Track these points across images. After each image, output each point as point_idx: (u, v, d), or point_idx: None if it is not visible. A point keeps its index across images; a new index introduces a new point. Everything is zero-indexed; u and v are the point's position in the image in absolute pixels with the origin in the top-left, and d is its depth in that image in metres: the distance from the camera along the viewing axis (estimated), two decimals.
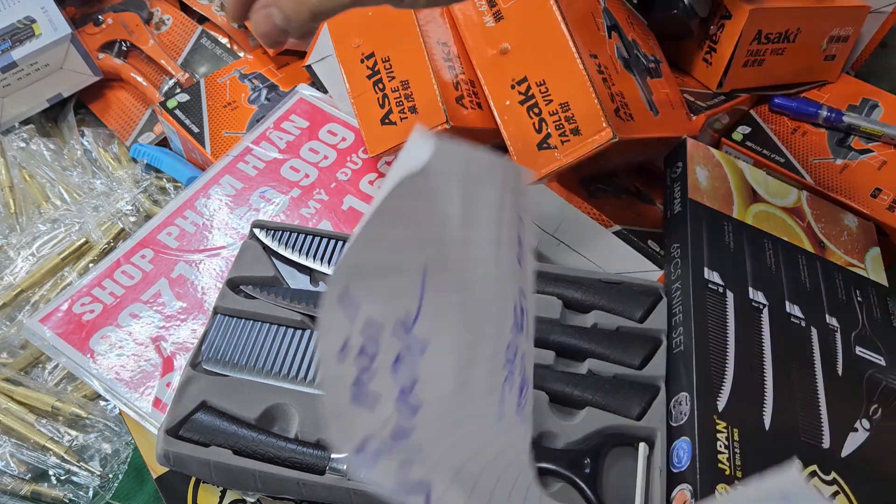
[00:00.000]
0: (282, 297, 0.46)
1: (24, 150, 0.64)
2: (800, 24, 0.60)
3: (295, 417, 0.41)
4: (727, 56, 0.59)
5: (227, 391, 0.42)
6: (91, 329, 0.48)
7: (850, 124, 0.61)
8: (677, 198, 0.51)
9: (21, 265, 0.55)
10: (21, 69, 0.62)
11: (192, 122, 0.63)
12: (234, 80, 0.67)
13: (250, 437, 0.40)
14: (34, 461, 0.46)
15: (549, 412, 0.42)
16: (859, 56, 0.69)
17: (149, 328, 0.49)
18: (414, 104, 0.51)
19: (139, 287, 0.51)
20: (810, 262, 0.50)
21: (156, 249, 0.52)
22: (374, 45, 0.53)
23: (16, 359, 0.51)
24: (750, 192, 0.53)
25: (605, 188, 0.57)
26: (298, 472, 0.38)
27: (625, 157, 0.58)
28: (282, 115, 0.61)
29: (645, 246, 0.52)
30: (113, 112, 0.69)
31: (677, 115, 0.57)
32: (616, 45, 0.56)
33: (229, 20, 0.37)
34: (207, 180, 0.57)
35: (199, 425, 0.40)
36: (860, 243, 0.54)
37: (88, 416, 0.48)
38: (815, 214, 0.54)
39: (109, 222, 0.58)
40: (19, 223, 0.59)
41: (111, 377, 0.46)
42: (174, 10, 0.74)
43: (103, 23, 0.72)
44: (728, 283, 0.46)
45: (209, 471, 0.40)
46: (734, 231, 0.50)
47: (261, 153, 0.58)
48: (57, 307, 0.50)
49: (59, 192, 0.61)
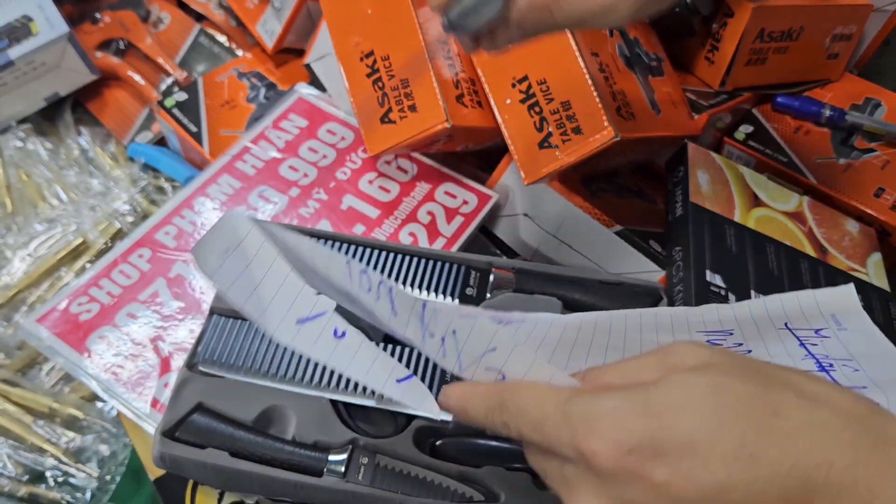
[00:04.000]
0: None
1: (21, 149, 0.63)
2: (802, 23, 0.60)
3: (292, 419, 0.41)
4: (729, 54, 0.59)
5: (224, 393, 0.41)
6: (88, 329, 0.48)
7: (854, 123, 0.60)
8: (679, 201, 0.51)
9: (18, 265, 0.55)
10: (18, 68, 0.62)
11: (189, 121, 0.63)
12: (232, 78, 0.66)
13: (247, 439, 0.39)
14: (31, 463, 0.46)
15: None
16: (862, 54, 0.68)
17: (146, 328, 0.48)
18: (413, 103, 0.51)
19: (137, 287, 0.50)
20: (812, 266, 0.50)
21: (153, 249, 0.52)
22: (374, 44, 0.53)
23: (13, 359, 0.51)
24: (751, 196, 0.53)
25: (606, 187, 0.57)
26: (296, 474, 0.38)
27: (626, 156, 0.58)
28: (280, 114, 0.60)
29: (647, 246, 0.52)
30: (110, 111, 0.68)
31: (679, 113, 0.57)
32: (618, 43, 0.55)
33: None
34: (205, 180, 0.56)
35: (195, 427, 0.40)
36: (862, 248, 0.53)
37: (86, 418, 0.48)
38: (817, 219, 0.54)
39: (107, 223, 0.58)
40: (16, 223, 0.58)
41: (108, 377, 0.46)
42: (172, 8, 0.74)
43: (100, 21, 0.72)
44: (730, 285, 0.46)
45: (206, 473, 0.39)
46: (736, 234, 0.49)
47: (259, 152, 0.58)
48: (54, 307, 0.49)
49: (55, 191, 0.61)
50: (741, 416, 0.22)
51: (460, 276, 0.47)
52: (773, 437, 0.22)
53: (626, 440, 0.23)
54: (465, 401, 0.30)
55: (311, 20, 0.66)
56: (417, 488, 0.38)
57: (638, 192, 0.58)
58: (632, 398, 0.24)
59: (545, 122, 0.49)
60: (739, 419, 0.22)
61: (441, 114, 0.50)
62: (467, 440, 0.41)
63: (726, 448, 0.22)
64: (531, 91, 0.50)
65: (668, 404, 0.23)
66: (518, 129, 0.50)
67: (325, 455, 0.39)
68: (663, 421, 0.23)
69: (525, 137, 0.50)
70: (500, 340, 0.30)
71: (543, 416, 0.26)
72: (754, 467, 0.21)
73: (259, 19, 0.68)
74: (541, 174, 0.49)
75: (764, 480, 0.21)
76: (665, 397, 0.23)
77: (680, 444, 0.22)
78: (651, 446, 0.23)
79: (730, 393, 0.23)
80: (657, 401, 0.23)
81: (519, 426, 0.28)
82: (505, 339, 0.29)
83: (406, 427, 0.41)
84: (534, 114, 0.49)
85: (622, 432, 0.23)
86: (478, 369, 0.30)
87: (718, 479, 0.22)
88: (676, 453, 0.22)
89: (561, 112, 0.49)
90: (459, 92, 0.53)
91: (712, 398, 0.23)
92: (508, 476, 0.39)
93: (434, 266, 0.47)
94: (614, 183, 0.58)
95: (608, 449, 0.23)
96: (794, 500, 0.21)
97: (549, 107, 0.49)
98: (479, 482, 0.39)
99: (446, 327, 0.31)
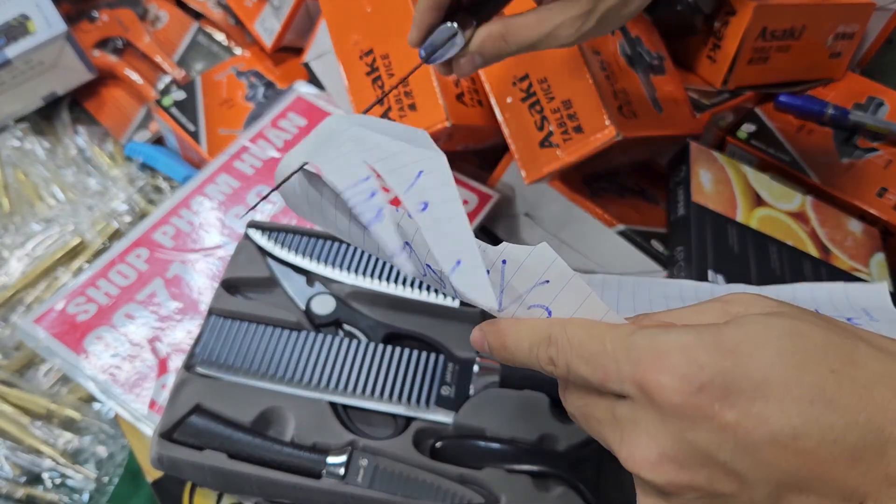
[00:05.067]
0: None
1: (19, 148, 0.63)
2: (805, 21, 0.59)
3: (290, 421, 0.41)
4: (732, 53, 0.58)
5: (222, 394, 0.41)
6: (85, 330, 0.48)
7: (856, 122, 0.60)
8: (681, 201, 0.51)
9: (15, 265, 0.55)
10: (15, 67, 0.61)
11: (187, 120, 0.62)
12: (230, 77, 0.66)
13: (245, 440, 0.39)
14: (28, 464, 0.46)
15: (551, 415, 0.41)
16: (865, 53, 0.68)
17: (144, 329, 0.48)
18: (413, 101, 0.51)
19: (134, 287, 0.50)
20: (815, 266, 0.49)
21: (151, 249, 0.52)
22: (373, 42, 0.52)
23: (10, 360, 0.50)
24: (754, 196, 0.53)
25: (608, 187, 0.56)
26: (294, 476, 0.38)
27: (628, 155, 0.58)
28: (279, 113, 0.60)
29: (648, 246, 0.52)
30: (108, 110, 0.68)
31: (681, 112, 0.57)
32: (619, 41, 0.55)
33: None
34: (204, 179, 0.56)
35: (193, 429, 0.40)
36: (865, 248, 0.53)
37: (83, 419, 0.47)
38: (820, 219, 0.53)
39: (104, 222, 0.57)
40: (13, 223, 0.58)
41: (106, 378, 0.46)
42: (170, 7, 0.73)
43: (98, 19, 0.72)
44: None
45: (204, 475, 0.39)
46: (738, 234, 0.49)
47: (258, 151, 0.58)
48: (51, 307, 0.49)
49: (53, 191, 0.60)
50: (819, 361, 0.21)
51: None
52: (850, 385, 0.21)
53: (697, 376, 0.22)
54: (506, 335, 0.28)
55: (309, 18, 0.66)
56: (417, 490, 0.37)
57: (640, 192, 0.58)
58: (703, 335, 0.23)
59: (546, 120, 0.49)
60: (818, 363, 0.21)
61: (441, 113, 0.49)
62: (467, 442, 0.40)
63: (803, 392, 0.21)
64: (532, 90, 0.49)
65: (742, 343, 0.22)
66: (519, 127, 0.50)
67: (324, 457, 0.38)
68: (737, 359, 0.22)
69: (526, 136, 0.49)
70: (557, 271, 0.27)
71: (601, 349, 0.24)
72: (831, 414, 0.20)
73: (257, 17, 0.67)
74: (542, 173, 0.49)
75: (839, 429, 0.20)
76: (739, 336, 0.22)
77: (753, 385, 0.21)
78: (723, 384, 0.21)
79: (806, 337, 0.22)
80: (731, 339, 0.22)
81: (569, 360, 0.25)
82: (562, 270, 0.26)
83: (405, 429, 0.41)
84: (534, 112, 0.49)
85: (693, 367, 0.22)
86: (519, 308, 0.28)
87: (793, 424, 0.20)
88: (749, 394, 0.21)
89: (562, 111, 0.48)
90: (459, 91, 0.52)
91: (788, 340, 0.22)
92: (509, 478, 0.38)
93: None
94: (616, 182, 0.58)
95: (677, 383, 0.22)
96: (866, 452, 0.20)
97: (550, 105, 0.49)
98: (479, 484, 0.38)
99: (496, 256, 0.28)
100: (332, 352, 0.43)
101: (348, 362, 0.43)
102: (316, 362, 0.42)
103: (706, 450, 0.22)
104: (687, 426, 0.22)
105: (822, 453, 0.20)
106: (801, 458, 0.21)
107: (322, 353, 0.43)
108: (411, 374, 0.42)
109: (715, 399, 0.21)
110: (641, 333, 0.24)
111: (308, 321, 0.45)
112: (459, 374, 0.42)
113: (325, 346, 0.43)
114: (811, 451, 0.21)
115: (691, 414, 0.22)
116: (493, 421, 0.41)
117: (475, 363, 0.43)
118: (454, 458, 0.39)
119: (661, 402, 0.22)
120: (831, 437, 0.20)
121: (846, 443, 0.20)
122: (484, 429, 0.41)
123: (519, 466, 0.39)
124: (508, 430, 0.40)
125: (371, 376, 0.42)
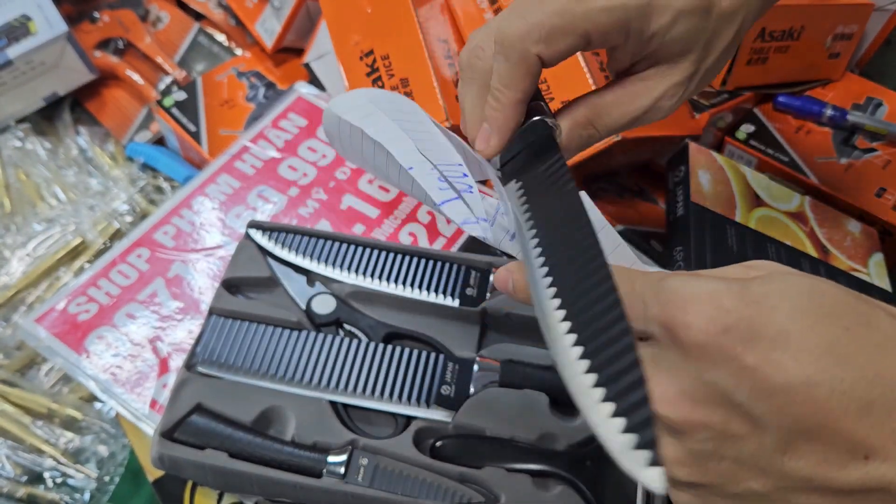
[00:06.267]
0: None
1: (20, 149, 0.63)
2: (804, 22, 0.60)
3: (291, 420, 0.41)
4: None
5: (223, 393, 0.41)
6: (87, 329, 0.48)
7: (855, 123, 0.60)
8: (680, 201, 0.51)
9: (16, 265, 0.55)
10: (17, 67, 0.62)
11: (188, 121, 0.62)
12: (231, 77, 0.66)
13: (246, 440, 0.39)
14: (30, 463, 0.46)
15: (550, 414, 0.41)
16: (864, 54, 0.68)
17: (145, 328, 0.48)
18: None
19: (135, 287, 0.50)
20: (814, 266, 0.50)
21: (152, 249, 0.52)
22: (374, 43, 0.53)
23: (11, 360, 0.51)
24: (753, 196, 0.53)
25: (607, 187, 0.57)
26: (295, 475, 0.38)
27: (627, 156, 0.58)
28: (280, 114, 0.60)
29: (648, 246, 0.52)
30: (109, 110, 0.68)
31: (680, 113, 0.57)
32: None
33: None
34: (204, 179, 0.56)
35: (194, 428, 0.40)
36: (863, 248, 0.53)
37: (84, 419, 0.47)
38: (819, 219, 0.54)
39: (106, 222, 0.58)
40: (14, 223, 0.58)
41: (107, 378, 0.46)
42: (171, 7, 0.74)
43: (99, 20, 0.72)
44: None
45: (205, 474, 0.39)
46: (737, 234, 0.49)
47: (258, 152, 0.58)
48: (52, 307, 0.49)
49: (54, 191, 0.61)
50: (836, 319, 0.22)
51: (460, 276, 0.47)
52: (863, 343, 0.22)
53: (723, 318, 0.23)
54: None
55: (310, 19, 0.66)
56: (417, 489, 0.38)
57: (639, 192, 0.58)
58: (731, 285, 0.24)
59: None
60: (834, 321, 0.22)
61: (441, 112, 0.50)
62: (467, 441, 0.41)
63: (818, 344, 0.22)
64: None
65: (766, 296, 0.23)
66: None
67: (325, 456, 0.38)
68: (761, 308, 0.23)
69: None
70: (593, 216, 0.26)
71: (630, 290, 0.25)
72: (842, 367, 0.21)
73: (258, 18, 0.68)
74: None
75: (849, 382, 0.21)
76: (764, 289, 0.23)
77: (774, 334, 0.22)
78: (747, 329, 0.22)
79: (826, 296, 0.23)
80: (756, 291, 0.23)
81: None
82: (597, 217, 0.27)
83: (406, 428, 0.41)
84: None
85: (720, 311, 0.23)
86: None
87: (807, 373, 0.21)
88: (769, 341, 0.22)
89: None
90: None
91: (808, 297, 0.23)
92: (509, 477, 0.39)
93: (434, 266, 0.47)
94: (615, 182, 0.58)
95: (703, 322, 0.23)
96: (874, 408, 0.21)
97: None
98: (479, 483, 0.39)
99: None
100: (332, 351, 0.43)
101: (349, 362, 0.43)
102: (316, 362, 0.43)
103: (724, 390, 0.23)
104: (708, 366, 0.23)
105: (831, 403, 0.21)
106: (812, 406, 0.21)
107: (322, 352, 0.43)
108: (411, 373, 0.42)
109: (738, 341, 0.22)
110: (671, 279, 0.25)
111: (308, 321, 0.45)
112: (459, 374, 0.43)
113: (325, 346, 0.43)
114: (822, 400, 0.21)
115: (714, 354, 0.23)
116: (493, 420, 0.41)
117: (475, 363, 0.43)
118: (454, 458, 0.40)
119: (685, 340, 0.23)
120: (841, 389, 0.21)
121: (854, 395, 0.21)
122: (484, 428, 0.41)
123: (519, 465, 0.39)
124: (508, 430, 0.41)
125: (371, 376, 0.42)
